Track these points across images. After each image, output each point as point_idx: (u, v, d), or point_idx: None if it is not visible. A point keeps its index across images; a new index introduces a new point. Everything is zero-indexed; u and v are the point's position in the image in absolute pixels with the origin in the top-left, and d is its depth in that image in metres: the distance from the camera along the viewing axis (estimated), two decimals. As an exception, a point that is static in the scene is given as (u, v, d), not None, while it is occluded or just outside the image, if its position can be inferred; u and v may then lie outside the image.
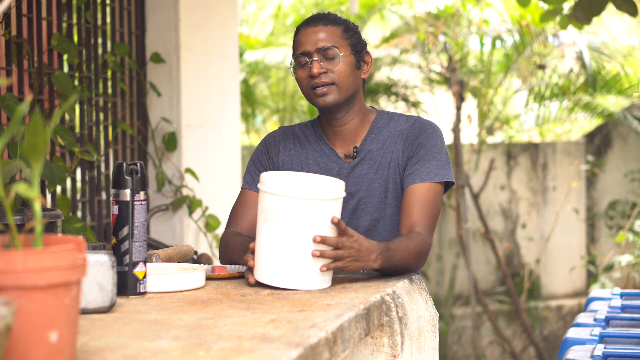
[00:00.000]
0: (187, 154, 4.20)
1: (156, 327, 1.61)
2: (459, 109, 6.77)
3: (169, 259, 2.45)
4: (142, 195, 1.97)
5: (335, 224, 2.00)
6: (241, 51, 8.05)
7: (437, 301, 7.24)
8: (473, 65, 7.48)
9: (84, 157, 3.50)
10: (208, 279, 2.20)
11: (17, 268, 1.22)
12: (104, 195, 3.86)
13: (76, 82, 3.62)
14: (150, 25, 4.14)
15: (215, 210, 4.28)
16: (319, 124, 2.49)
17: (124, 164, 1.96)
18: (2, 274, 1.21)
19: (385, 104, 7.62)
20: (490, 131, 7.40)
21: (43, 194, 3.31)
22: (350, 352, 1.94)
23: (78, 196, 3.69)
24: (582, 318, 2.84)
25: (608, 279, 6.81)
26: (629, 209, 7.39)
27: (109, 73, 3.92)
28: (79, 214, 3.68)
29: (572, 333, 2.65)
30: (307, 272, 2.00)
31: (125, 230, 1.95)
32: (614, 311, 2.90)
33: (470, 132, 7.66)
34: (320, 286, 2.03)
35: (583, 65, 7.09)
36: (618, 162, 7.74)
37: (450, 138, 6.86)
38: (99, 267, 1.75)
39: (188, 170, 4.13)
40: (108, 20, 3.96)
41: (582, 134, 8.64)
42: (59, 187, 3.50)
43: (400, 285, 2.10)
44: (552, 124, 8.32)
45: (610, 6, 4.22)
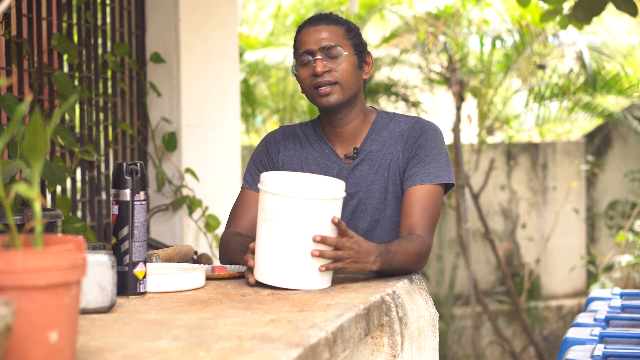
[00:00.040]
0: (187, 154, 4.20)
1: (156, 327, 1.61)
2: (459, 109, 6.77)
3: (169, 259, 2.45)
4: (142, 195, 1.97)
5: (336, 224, 2.00)
6: (241, 51, 8.05)
7: (437, 301, 7.24)
8: (473, 65, 7.48)
9: (84, 157, 3.50)
10: (208, 279, 2.20)
11: (17, 268, 1.21)
12: (104, 195, 3.86)
13: (76, 82, 3.62)
14: (150, 25, 4.14)
15: (215, 210, 4.28)
16: (319, 124, 2.48)
17: (124, 164, 1.96)
18: (2, 274, 1.21)
19: (385, 104, 7.62)
20: (490, 131, 7.39)
21: (43, 194, 3.31)
22: (350, 352, 1.93)
23: (78, 196, 3.69)
24: (582, 318, 2.84)
25: (608, 279, 6.81)
26: (629, 209, 7.39)
27: (109, 73, 3.92)
28: (79, 214, 3.68)
29: (572, 333, 2.65)
30: (307, 272, 2.00)
31: (125, 230, 1.95)
32: (614, 311, 2.90)
33: (470, 132, 7.66)
34: (320, 286, 2.02)
35: (583, 65, 7.09)
36: (618, 162, 7.74)
37: (450, 138, 6.86)
38: (99, 267, 1.75)
39: (188, 170, 4.13)
40: (108, 20, 3.96)
41: (582, 134, 8.64)
42: (59, 187, 3.50)
43: (400, 285, 2.10)
44: (552, 124, 8.32)
45: (610, 6, 4.22)
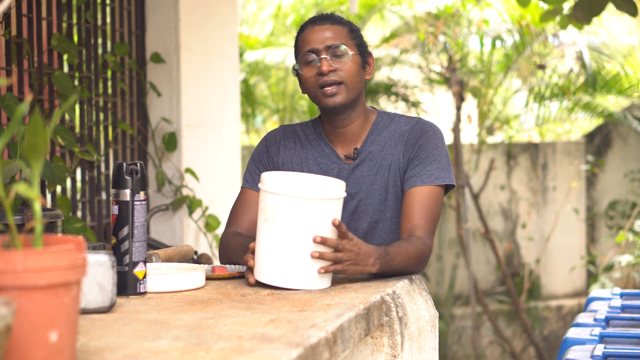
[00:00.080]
0: (187, 154, 4.20)
1: (156, 327, 1.61)
2: (459, 109, 6.77)
3: (169, 259, 2.45)
4: (142, 195, 1.97)
5: (336, 227, 2.00)
6: (241, 51, 8.05)
7: (437, 301, 7.24)
8: (473, 65, 7.48)
9: (84, 157, 3.50)
10: (208, 279, 2.20)
11: (17, 268, 1.21)
12: (104, 195, 3.86)
13: (76, 82, 3.62)
14: (150, 25, 4.14)
15: (215, 210, 4.28)
16: (320, 123, 2.48)
17: (124, 164, 1.96)
18: (2, 274, 1.21)
19: (385, 104, 7.61)
20: (490, 131, 7.39)
21: (43, 194, 3.31)
22: (350, 352, 1.93)
23: (78, 196, 3.69)
24: (582, 318, 2.84)
25: (608, 279, 6.81)
26: (629, 209, 7.39)
27: (109, 73, 3.92)
28: (79, 214, 3.68)
29: (572, 333, 2.65)
30: (307, 272, 2.00)
31: (125, 230, 1.95)
32: (614, 311, 2.90)
33: (470, 132, 7.66)
34: (320, 286, 2.02)
35: (583, 65, 7.09)
36: (618, 162, 7.74)
37: (450, 138, 6.86)
38: (99, 267, 1.75)
39: (188, 170, 4.13)
40: (108, 20, 3.96)
41: (582, 134, 8.64)
42: (59, 187, 3.50)
43: (400, 285, 2.10)
44: (552, 124, 8.32)
45: (610, 6, 4.22)
